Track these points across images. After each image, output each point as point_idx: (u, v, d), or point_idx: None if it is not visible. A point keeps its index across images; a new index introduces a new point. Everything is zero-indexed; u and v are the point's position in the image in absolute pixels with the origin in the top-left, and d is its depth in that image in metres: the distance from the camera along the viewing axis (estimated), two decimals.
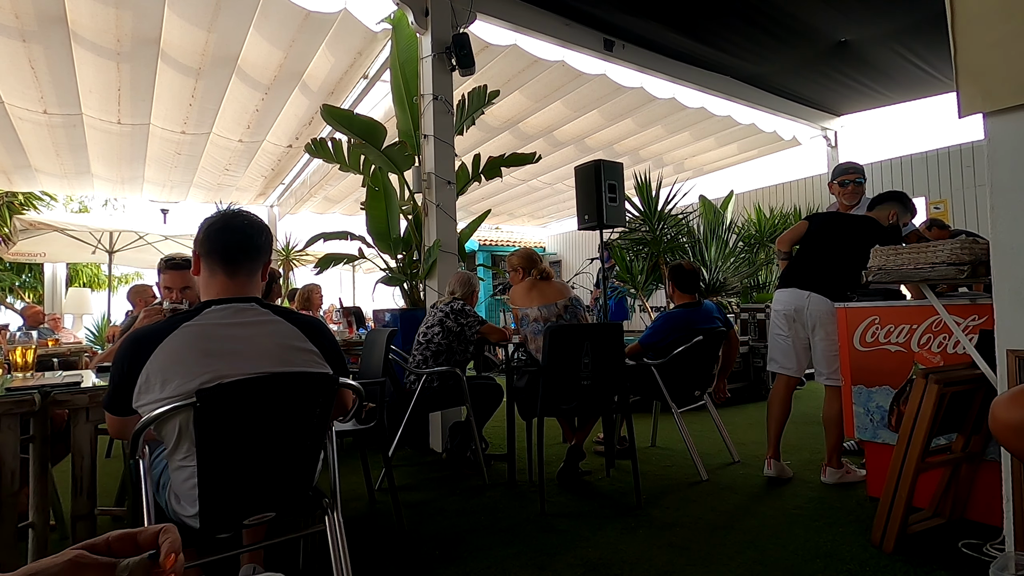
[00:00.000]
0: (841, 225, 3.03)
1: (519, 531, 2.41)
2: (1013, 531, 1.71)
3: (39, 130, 5.43)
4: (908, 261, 2.11)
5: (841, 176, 3.28)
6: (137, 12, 4.02)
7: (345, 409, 1.58)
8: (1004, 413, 0.82)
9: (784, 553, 2.11)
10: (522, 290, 3.23)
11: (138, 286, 4.59)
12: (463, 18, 4.12)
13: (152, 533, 0.59)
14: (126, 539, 0.59)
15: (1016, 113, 1.62)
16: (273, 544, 1.62)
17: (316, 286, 5.38)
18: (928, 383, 2.02)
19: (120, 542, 0.58)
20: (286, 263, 8.91)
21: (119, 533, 0.59)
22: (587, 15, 4.86)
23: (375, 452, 3.28)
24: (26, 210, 9.35)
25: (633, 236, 6.75)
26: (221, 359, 1.34)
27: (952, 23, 1.68)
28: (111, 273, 8.30)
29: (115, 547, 0.58)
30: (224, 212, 1.49)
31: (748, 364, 5.53)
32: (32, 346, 2.28)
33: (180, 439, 1.33)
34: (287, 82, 5.11)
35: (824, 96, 6.90)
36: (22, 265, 10.58)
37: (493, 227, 12.82)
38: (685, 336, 3.18)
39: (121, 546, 0.58)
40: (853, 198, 3.27)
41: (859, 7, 4.63)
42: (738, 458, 3.33)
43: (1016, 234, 1.63)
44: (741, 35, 5.22)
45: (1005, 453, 1.77)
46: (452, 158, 4.17)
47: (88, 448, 1.82)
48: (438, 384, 3.17)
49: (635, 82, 5.92)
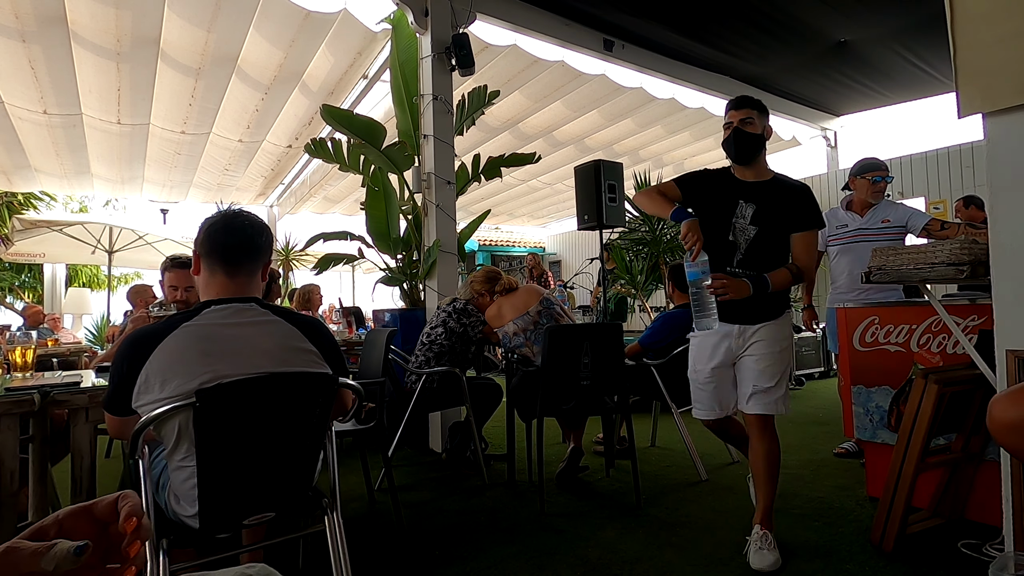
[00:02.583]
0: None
1: (519, 531, 2.41)
2: (1012, 531, 1.71)
3: (39, 130, 5.42)
4: (908, 261, 2.11)
5: (873, 172, 3.24)
6: (137, 12, 4.02)
7: (345, 409, 1.58)
8: (1002, 412, 0.82)
9: (784, 553, 2.11)
10: (493, 311, 3.22)
11: (138, 286, 4.59)
12: (463, 18, 4.12)
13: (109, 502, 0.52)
14: (80, 515, 0.52)
15: (1016, 113, 1.62)
16: (273, 544, 1.62)
17: (316, 286, 5.38)
18: (928, 383, 2.02)
19: (73, 519, 0.51)
20: (286, 263, 8.91)
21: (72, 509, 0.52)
22: (587, 15, 4.86)
23: (375, 452, 3.28)
24: (26, 210, 9.35)
25: (633, 236, 6.75)
26: (221, 359, 1.34)
27: (951, 23, 1.68)
28: (111, 273, 8.29)
29: (67, 526, 0.51)
30: (224, 212, 1.49)
31: None
32: (31, 346, 2.28)
33: (180, 439, 1.33)
34: (287, 82, 5.11)
35: (824, 96, 6.90)
36: (22, 265, 10.57)
37: (493, 227, 12.80)
38: (684, 336, 3.18)
39: (74, 523, 0.51)
40: (880, 196, 3.26)
41: (859, 7, 4.63)
42: (738, 458, 3.32)
43: (1016, 234, 1.63)
44: (741, 35, 5.23)
45: (1004, 453, 1.77)
46: (452, 158, 4.17)
47: (88, 448, 1.82)
48: (438, 384, 3.17)
49: (635, 82, 5.92)
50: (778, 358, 2.13)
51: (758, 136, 2.12)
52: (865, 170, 3.28)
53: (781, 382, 2.14)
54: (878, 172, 3.25)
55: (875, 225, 3.26)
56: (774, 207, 2.12)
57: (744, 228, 2.12)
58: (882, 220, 3.25)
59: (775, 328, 2.14)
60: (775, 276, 2.05)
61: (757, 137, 2.12)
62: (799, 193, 2.16)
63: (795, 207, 2.14)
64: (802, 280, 2.14)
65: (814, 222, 2.15)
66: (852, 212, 3.37)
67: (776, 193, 2.14)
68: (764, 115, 2.16)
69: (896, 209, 3.29)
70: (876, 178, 3.24)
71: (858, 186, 3.30)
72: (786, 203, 2.13)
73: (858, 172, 3.31)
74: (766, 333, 2.13)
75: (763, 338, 2.13)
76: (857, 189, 3.32)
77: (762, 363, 2.12)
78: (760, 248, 2.12)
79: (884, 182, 3.25)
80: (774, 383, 2.12)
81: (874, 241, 3.11)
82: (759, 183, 2.16)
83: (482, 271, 3.40)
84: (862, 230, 3.29)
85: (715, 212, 2.14)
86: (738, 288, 1.97)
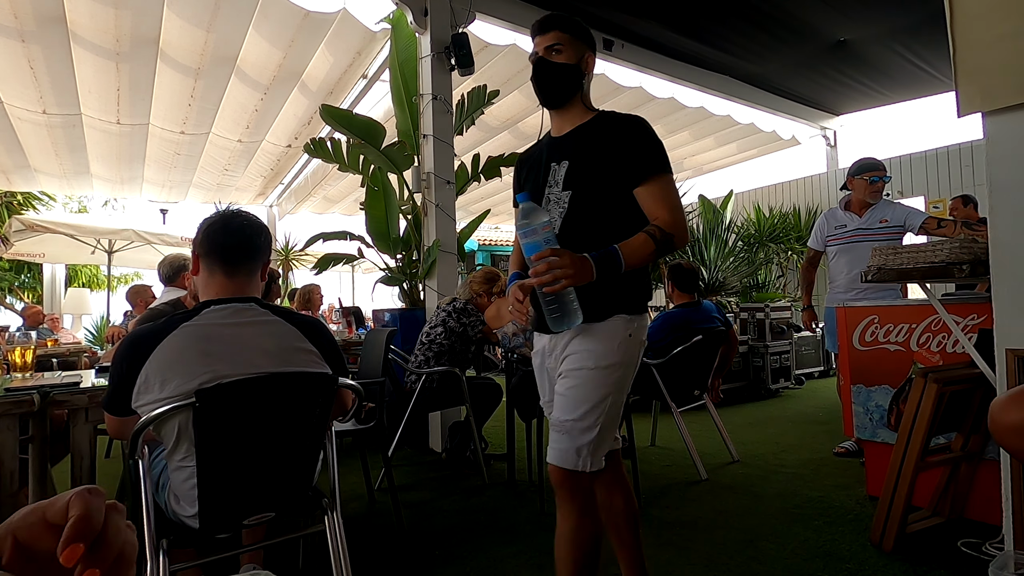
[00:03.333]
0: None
1: (518, 530, 2.41)
2: (1012, 530, 1.71)
3: (38, 130, 5.42)
4: (907, 260, 2.11)
5: (871, 172, 3.26)
6: (136, 12, 4.02)
7: (344, 409, 1.58)
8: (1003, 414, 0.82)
9: (784, 552, 2.11)
10: (492, 312, 3.22)
11: (137, 286, 4.59)
12: (462, 18, 4.12)
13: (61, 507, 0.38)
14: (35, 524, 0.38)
15: (1015, 112, 1.62)
16: (273, 544, 1.62)
17: (316, 286, 5.38)
18: (927, 382, 2.02)
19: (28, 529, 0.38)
20: (285, 263, 8.90)
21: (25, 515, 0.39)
22: (587, 15, 4.86)
23: (375, 452, 3.28)
24: (25, 210, 9.35)
25: None
26: (220, 359, 1.34)
27: (951, 22, 1.68)
28: (110, 273, 8.29)
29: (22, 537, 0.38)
30: (223, 212, 1.49)
31: (747, 364, 5.53)
32: (31, 346, 2.28)
33: (179, 439, 1.33)
34: (286, 82, 5.11)
35: (823, 95, 6.90)
36: (21, 265, 10.57)
37: (493, 227, 12.80)
38: (684, 336, 3.18)
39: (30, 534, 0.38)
40: (878, 196, 3.27)
41: (858, 6, 4.63)
42: (738, 457, 3.33)
43: (1015, 234, 1.63)
44: (740, 34, 5.23)
45: (1004, 452, 1.77)
46: (451, 158, 4.17)
47: (87, 448, 1.82)
48: (438, 384, 3.17)
49: (634, 81, 5.92)
50: (592, 380, 1.40)
51: (570, 68, 1.50)
52: (863, 170, 3.29)
53: (590, 417, 1.39)
54: (875, 172, 3.26)
55: (873, 225, 3.27)
56: (590, 157, 1.46)
57: (558, 197, 1.49)
58: (880, 220, 3.26)
59: (600, 337, 1.42)
60: (629, 246, 1.35)
61: (567, 69, 1.50)
62: (628, 129, 1.47)
63: (622, 151, 1.44)
64: (673, 247, 1.40)
65: (655, 165, 1.43)
66: (850, 212, 3.38)
67: (593, 138, 1.49)
68: (582, 41, 1.54)
69: (894, 208, 3.30)
70: (874, 178, 3.25)
71: (856, 186, 3.31)
72: (608, 147, 1.45)
73: (856, 172, 3.32)
74: (583, 343, 1.43)
75: (577, 350, 1.44)
76: (855, 189, 3.33)
77: (566, 384, 1.43)
78: (579, 219, 1.45)
79: (882, 182, 3.26)
80: (577, 415, 1.39)
81: (872, 241, 3.12)
82: (572, 132, 1.52)
83: (481, 272, 3.40)
84: (860, 230, 3.30)
85: (533, 193, 1.53)
86: (577, 269, 1.27)
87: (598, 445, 1.41)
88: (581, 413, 1.39)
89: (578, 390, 1.41)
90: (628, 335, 1.44)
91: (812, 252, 3.66)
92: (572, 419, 1.40)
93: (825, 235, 3.49)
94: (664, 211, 1.40)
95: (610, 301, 1.44)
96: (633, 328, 1.45)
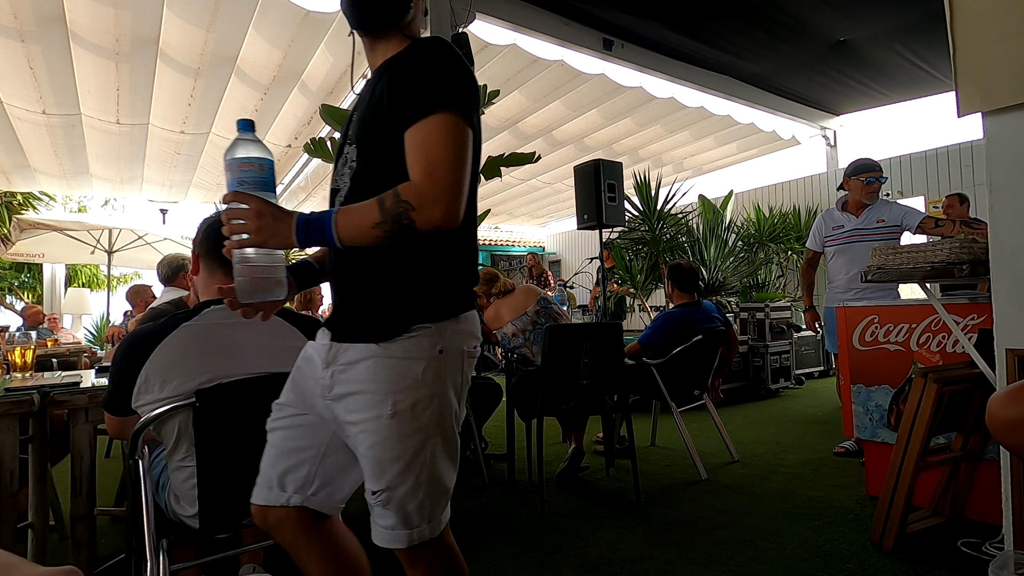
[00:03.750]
0: None
1: (519, 530, 2.41)
2: (1012, 530, 1.71)
3: (38, 130, 5.42)
4: (907, 260, 2.12)
5: (867, 173, 3.26)
6: (136, 12, 4.01)
7: None
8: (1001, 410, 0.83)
9: (784, 552, 2.11)
10: (491, 313, 3.23)
11: (137, 286, 4.59)
12: (462, 17, 4.12)
13: None
14: None
15: (1015, 112, 1.62)
16: (273, 544, 1.61)
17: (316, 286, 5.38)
18: (927, 382, 2.02)
19: None
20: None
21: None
22: (586, 14, 4.86)
23: None
24: (25, 210, 9.34)
25: (632, 236, 6.75)
26: (220, 359, 1.34)
27: (951, 22, 1.68)
28: (110, 273, 8.28)
29: None
30: None
31: (747, 364, 5.53)
32: (31, 346, 2.28)
33: (179, 439, 1.34)
34: (286, 82, 5.11)
35: (823, 95, 6.90)
36: (21, 265, 10.57)
37: (493, 227, 12.81)
38: (684, 336, 3.18)
39: None
40: (874, 197, 3.27)
41: (858, 6, 4.63)
42: (738, 457, 3.33)
43: (1015, 234, 1.63)
44: (740, 34, 5.23)
45: (1004, 452, 1.77)
46: None
47: (87, 448, 1.82)
48: None
49: (634, 81, 5.92)
50: (396, 429, 1.02)
51: None
52: (859, 171, 3.30)
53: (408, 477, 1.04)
54: (872, 173, 3.27)
55: (871, 225, 3.28)
56: (373, 101, 1.07)
57: (348, 153, 1.12)
58: (877, 220, 3.27)
59: (394, 364, 1.02)
60: (347, 213, 0.98)
61: None
62: (406, 59, 1.05)
63: (398, 89, 1.02)
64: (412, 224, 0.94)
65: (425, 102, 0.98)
66: (848, 213, 3.39)
67: (385, 76, 1.06)
68: None
69: (891, 208, 3.30)
70: (870, 179, 3.26)
71: (852, 187, 3.33)
72: (391, 86, 1.04)
73: (852, 173, 3.33)
74: (364, 372, 1.03)
75: (357, 384, 1.04)
76: (852, 190, 3.34)
77: (363, 442, 1.05)
78: (366, 181, 1.07)
79: (878, 183, 3.27)
80: (389, 481, 1.05)
81: (870, 241, 3.13)
82: (376, 71, 1.13)
83: (481, 272, 3.41)
84: (858, 230, 3.31)
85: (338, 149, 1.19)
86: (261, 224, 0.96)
87: (433, 504, 1.08)
88: (393, 477, 1.04)
89: (380, 448, 1.03)
90: (438, 351, 1.04)
91: (811, 253, 3.67)
92: (384, 489, 1.05)
93: (823, 236, 3.50)
94: (417, 166, 0.97)
95: (402, 305, 1.04)
96: (444, 340, 1.04)
